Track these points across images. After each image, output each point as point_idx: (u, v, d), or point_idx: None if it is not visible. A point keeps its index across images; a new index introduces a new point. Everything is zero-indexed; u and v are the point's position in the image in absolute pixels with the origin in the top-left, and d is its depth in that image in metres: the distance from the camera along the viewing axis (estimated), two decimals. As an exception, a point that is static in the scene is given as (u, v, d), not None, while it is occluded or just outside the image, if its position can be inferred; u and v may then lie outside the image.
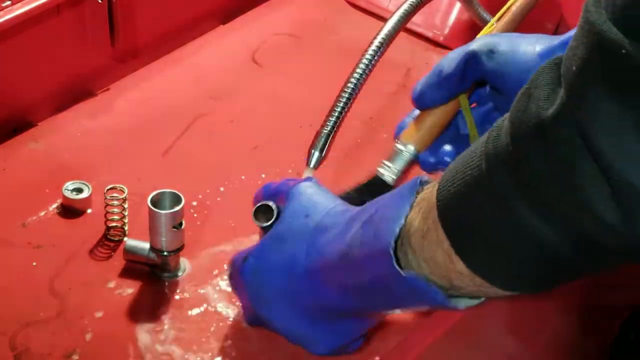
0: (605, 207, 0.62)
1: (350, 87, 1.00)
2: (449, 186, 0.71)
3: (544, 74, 0.66)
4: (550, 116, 0.63)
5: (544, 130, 0.64)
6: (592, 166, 0.62)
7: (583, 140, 0.62)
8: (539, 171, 0.65)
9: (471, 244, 0.71)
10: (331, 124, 0.99)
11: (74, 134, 1.17)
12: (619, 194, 0.62)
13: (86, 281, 0.99)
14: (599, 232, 0.64)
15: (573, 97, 0.62)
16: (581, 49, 0.61)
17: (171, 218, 0.96)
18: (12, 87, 1.15)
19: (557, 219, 0.65)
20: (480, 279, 0.71)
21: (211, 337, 0.95)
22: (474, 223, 0.70)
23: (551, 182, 0.64)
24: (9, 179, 1.10)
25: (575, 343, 1.16)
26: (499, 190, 0.67)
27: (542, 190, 0.65)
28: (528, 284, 0.72)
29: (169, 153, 1.15)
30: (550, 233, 0.66)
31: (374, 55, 1.02)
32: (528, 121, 0.65)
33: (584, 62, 0.61)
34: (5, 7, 1.10)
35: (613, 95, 0.60)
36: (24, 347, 0.92)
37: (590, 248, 0.66)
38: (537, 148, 0.65)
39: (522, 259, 0.69)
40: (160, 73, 1.26)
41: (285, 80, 1.27)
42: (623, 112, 0.60)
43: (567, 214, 0.65)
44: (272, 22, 1.36)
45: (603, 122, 0.61)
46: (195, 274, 1.00)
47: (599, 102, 0.60)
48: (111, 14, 1.20)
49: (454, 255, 0.71)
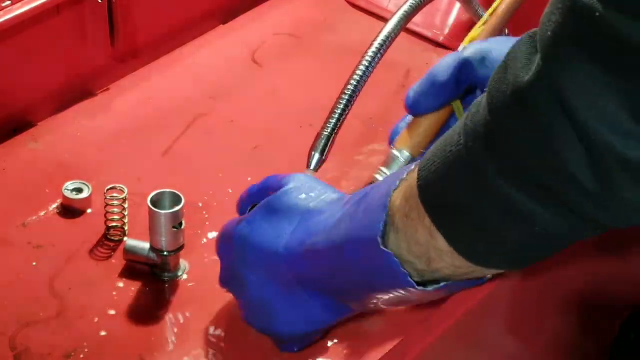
0: (584, 173, 0.63)
1: (351, 88, 1.00)
2: (429, 165, 0.72)
3: (521, 46, 0.66)
4: (527, 82, 0.64)
5: (520, 97, 0.64)
6: (570, 130, 0.62)
7: (560, 104, 0.62)
8: (517, 140, 0.65)
9: (451, 219, 0.71)
10: (332, 125, 0.99)
11: (74, 134, 1.17)
12: (596, 156, 0.62)
13: (86, 281, 0.99)
14: (580, 200, 0.64)
15: (549, 60, 0.63)
16: (556, 15, 0.62)
17: (171, 218, 0.96)
18: (12, 87, 1.15)
19: (535, 189, 0.66)
20: (459, 257, 0.72)
21: (211, 338, 0.95)
22: (453, 198, 0.70)
23: (529, 150, 0.65)
24: (9, 179, 1.10)
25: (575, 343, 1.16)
26: (477, 164, 0.68)
27: (520, 160, 0.65)
28: (508, 259, 0.72)
29: (169, 153, 1.15)
30: (528, 203, 0.66)
31: (374, 57, 1.02)
32: (505, 90, 0.65)
33: (558, 27, 0.62)
34: (5, 7, 1.10)
35: (587, 58, 0.61)
36: (24, 347, 0.92)
37: (573, 217, 0.66)
38: (514, 116, 0.65)
39: (502, 233, 0.69)
40: (160, 73, 1.26)
41: (285, 80, 1.27)
42: (597, 72, 0.61)
43: (545, 182, 0.65)
44: (272, 22, 1.36)
45: (578, 84, 0.61)
46: (195, 274, 1.00)
47: (573, 64, 0.61)
48: (111, 14, 1.20)
49: (435, 232, 0.72)
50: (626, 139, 0.61)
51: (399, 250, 0.76)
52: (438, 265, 0.74)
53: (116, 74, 1.24)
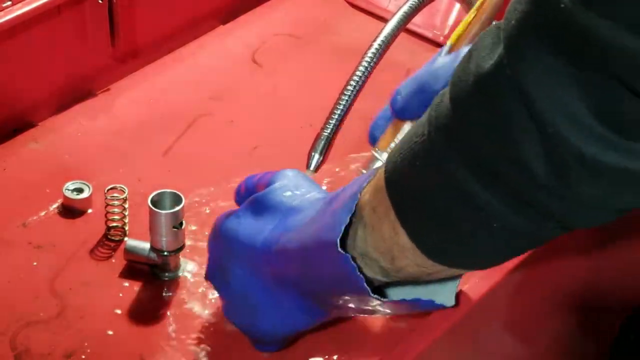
0: (539, 163, 0.62)
1: (350, 89, 1.00)
2: (396, 157, 0.71)
3: (486, 36, 0.65)
4: (488, 70, 0.63)
5: (481, 85, 0.64)
6: (527, 120, 0.62)
7: (519, 93, 0.61)
8: (477, 129, 0.64)
9: (414, 213, 0.70)
10: (331, 126, 0.99)
11: (74, 134, 1.17)
12: (551, 148, 0.61)
13: (86, 281, 0.99)
14: (534, 191, 0.63)
15: (511, 48, 0.62)
16: (522, 4, 0.62)
17: (171, 218, 0.96)
18: (12, 87, 1.15)
19: (491, 178, 0.65)
20: (422, 255, 0.71)
21: (211, 337, 0.95)
22: (417, 191, 0.69)
23: (487, 138, 0.64)
24: (9, 179, 1.10)
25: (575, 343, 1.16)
26: (438, 154, 0.67)
27: (477, 148, 0.64)
28: (470, 258, 0.71)
29: (169, 153, 1.15)
30: (483, 194, 0.65)
31: (373, 57, 1.02)
32: (467, 79, 0.65)
33: (523, 16, 0.61)
34: (6, 7, 1.10)
35: (549, 49, 0.60)
36: (24, 347, 0.93)
37: (529, 211, 0.65)
38: (474, 105, 0.64)
39: (462, 229, 0.68)
40: (160, 73, 1.27)
41: (285, 80, 1.27)
42: (558, 64, 0.60)
43: (500, 170, 0.64)
44: (272, 22, 1.36)
45: (539, 73, 0.61)
46: (195, 274, 1.00)
47: (535, 54, 0.61)
48: (111, 14, 1.20)
49: (399, 227, 0.71)
50: (582, 134, 0.60)
51: (366, 246, 0.74)
52: (401, 263, 0.73)
53: (116, 74, 1.24)
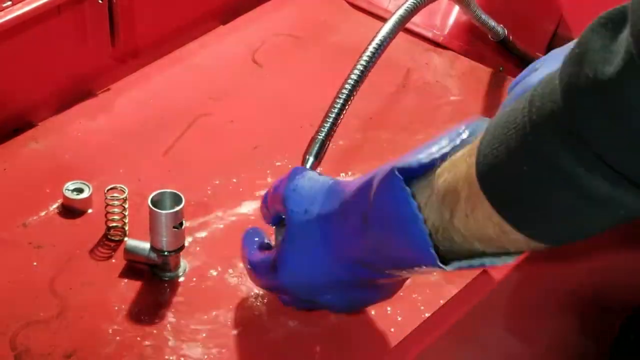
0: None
1: (346, 91, 1.00)
2: (490, 148, 0.71)
3: (594, 36, 0.64)
4: (614, 74, 0.62)
5: (606, 89, 0.62)
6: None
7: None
8: (604, 132, 0.63)
9: (517, 204, 0.70)
10: (326, 129, 0.99)
11: (74, 134, 1.17)
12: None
13: (86, 281, 0.99)
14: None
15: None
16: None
17: (172, 218, 0.96)
18: (12, 87, 1.15)
19: (618, 177, 0.65)
20: (524, 238, 0.71)
21: (211, 337, 0.95)
22: (520, 187, 0.69)
23: (622, 144, 0.63)
24: (9, 179, 1.10)
25: (575, 343, 1.16)
26: (551, 154, 0.66)
27: (609, 153, 0.64)
28: (574, 235, 0.72)
29: (169, 153, 1.15)
30: (609, 188, 0.65)
31: (369, 58, 1.02)
32: (584, 84, 0.63)
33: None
34: (6, 7, 1.10)
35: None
36: (24, 347, 0.93)
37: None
38: (599, 109, 0.63)
39: (581, 220, 0.69)
40: (160, 73, 1.27)
41: (285, 80, 1.27)
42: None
43: (632, 166, 0.64)
44: (272, 22, 1.36)
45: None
46: (196, 274, 1.00)
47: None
48: (111, 14, 1.20)
49: (496, 216, 0.71)
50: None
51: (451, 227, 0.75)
52: (494, 244, 0.74)
53: (116, 74, 1.24)
